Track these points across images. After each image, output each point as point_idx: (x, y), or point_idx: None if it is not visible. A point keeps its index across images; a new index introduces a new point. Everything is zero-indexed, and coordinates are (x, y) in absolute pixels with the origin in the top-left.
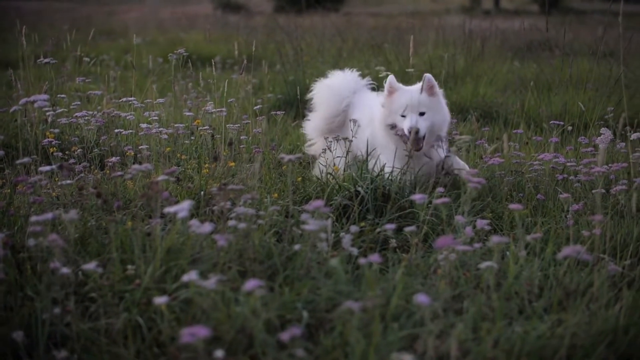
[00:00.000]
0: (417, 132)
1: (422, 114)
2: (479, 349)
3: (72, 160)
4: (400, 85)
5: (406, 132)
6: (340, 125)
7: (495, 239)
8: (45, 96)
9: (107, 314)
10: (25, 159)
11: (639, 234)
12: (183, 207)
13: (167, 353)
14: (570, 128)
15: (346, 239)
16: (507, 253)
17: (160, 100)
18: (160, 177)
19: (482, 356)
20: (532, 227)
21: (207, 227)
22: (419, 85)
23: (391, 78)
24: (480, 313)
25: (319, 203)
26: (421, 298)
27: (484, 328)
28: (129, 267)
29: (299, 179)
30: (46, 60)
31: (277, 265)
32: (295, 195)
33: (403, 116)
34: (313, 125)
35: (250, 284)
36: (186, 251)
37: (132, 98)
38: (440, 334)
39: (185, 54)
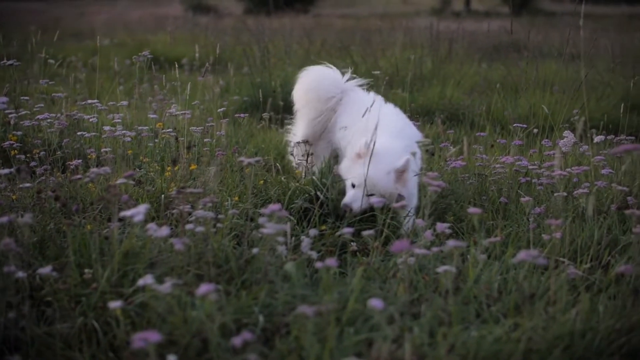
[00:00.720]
0: (350, 211)
1: (372, 195)
2: (434, 353)
3: (33, 163)
4: (378, 150)
5: (342, 203)
6: (323, 129)
7: (451, 242)
8: (4, 98)
9: (63, 318)
10: None
11: (600, 237)
12: (139, 211)
13: (122, 358)
14: (536, 131)
15: (305, 243)
16: (469, 257)
17: (124, 102)
18: (120, 181)
19: None
20: (494, 230)
21: (164, 230)
22: (398, 162)
23: (368, 141)
24: (437, 317)
25: (276, 207)
26: (375, 302)
27: (440, 332)
28: (87, 271)
29: (261, 182)
30: (9, 62)
31: (234, 269)
32: (257, 199)
33: (353, 185)
34: (295, 130)
35: (204, 288)
36: (144, 255)
37: (96, 100)
38: (396, 339)
39: (149, 56)
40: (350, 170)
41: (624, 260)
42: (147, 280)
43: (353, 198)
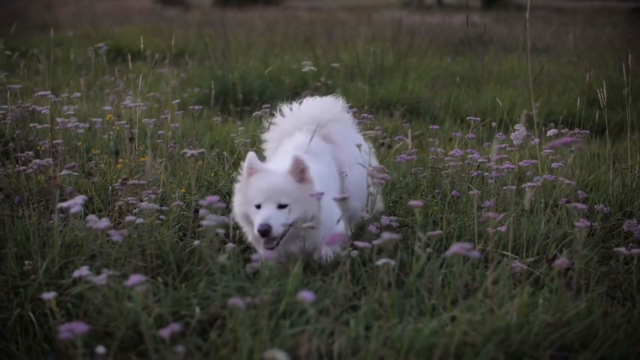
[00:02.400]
0: (267, 232)
1: (283, 206)
2: (368, 347)
3: None
4: (263, 165)
5: (255, 230)
6: None
7: (386, 235)
8: None
9: (0, 309)
10: None
11: (547, 231)
12: (76, 202)
13: (56, 349)
14: (494, 124)
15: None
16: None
17: (77, 94)
18: (64, 172)
19: (372, 354)
20: (445, 223)
21: (104, 222)
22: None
23: (251, 156)
24: (375, 311)
25: (213, 198)
26: (305, 294)
27: (376, 326)
28: (26, 262)
29: (212, 174)
30: None
31: (172, 262)
32: (207, 191)
33: (258, 207)
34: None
35: (133, 279)
36: (85, 247)
37: (48, 92)
38: (332, 332)
39: (105, 48)
40: (247, 195)
41: (565, 254)
42: (83, 271)
43: (267, 215)
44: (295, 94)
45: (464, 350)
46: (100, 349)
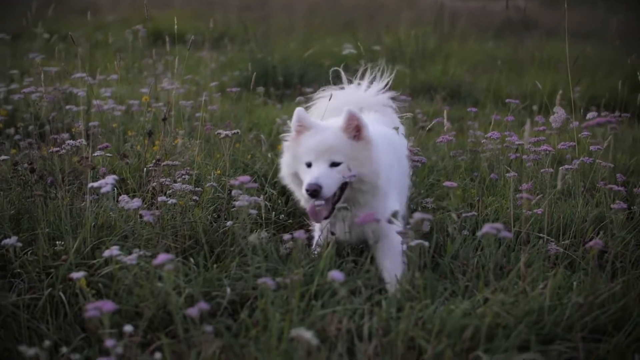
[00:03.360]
0: (316, 192)
1: (336, 164)
2: (399, 327)
3: (17, 137)
4: (314, 121)
5: (303, 190)
6: None
7: (417, 215)
8: None
9: (32, 289)
10: None
11: (585, 214)
12: (107, 182)
13: (86, 329)
14: (535, 108)
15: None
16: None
17: (114, 76)
18: (97, 153)
19: (402, 335)
20: (482, 207)
21: (136, 202)
22: (341, 121)
23: (300, 111)
24: (408, 292)
25: (245, 178)
26: (335, 274)
27: (407, 307)
28: (58, 243)
29: (249, 156)
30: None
31: (203, 242)
32: (244, 173)
33: (309, 166)
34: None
35: (161, 257)
36: (118, 228)
37: (84, 74)
38: (365, 313)
39: (144, 31)
40: (296, 153)
41: (602, 237)
42: (113, 251)
43: (318, 174)
44: (335, 77)
45: (496, 332)
46: (128, 328)
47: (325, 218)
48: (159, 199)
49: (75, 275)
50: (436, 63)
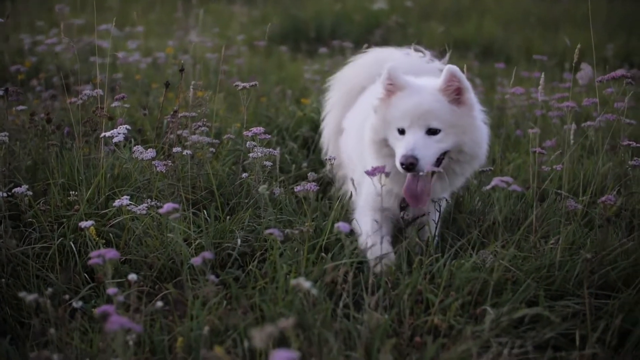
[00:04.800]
0: (412, 166)
1: (434, 131)
2: (408, 281)
3: (39, 88)
4: (409, 80)
5: (397, 162)
6: None
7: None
8: None
9: (43, 239)
10: None
11: (606, 171)
12: (119, 132)
13: (95, 279)
14: (568, 65)
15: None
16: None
17: (139, 28)
18: (114, 104)
19: (411, 288)
20: (504, 163)
21: (150, 153)
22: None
23: (393, 68)
24: (419, 246)
25: (258, 129)
26: (342, 225)
27: (416, 260)
28: (72, 193)
29: (273, 110)
30: None
31: (216, 194)
32: (267, 127)
33: (402, 132)
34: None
35: (167, 206)
36: (133, 179)
37: (109, 25)
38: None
39: None
40: (387, 117)
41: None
42: (124, 201)
43: (414, 144)
44: (367, 32)
45: (505, 287)
46: (133, 276)
47: (428, 197)
48: (174, 150)
49: (84, 224)
50: (471, 19)
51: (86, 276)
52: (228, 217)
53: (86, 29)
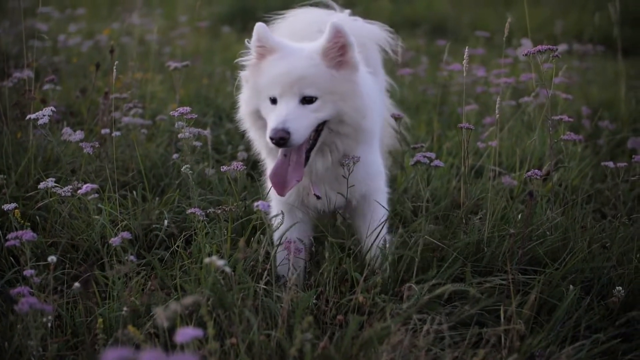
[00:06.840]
0: (283, 140)
1: (309, 100)
2: (332, 258)
3: None
4: (282, 42)
5: (267, 136)
6: None
7: None
8: None
9: None
10: None
11: (540, 147)
12: (44, 114)
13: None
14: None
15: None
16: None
17: (80, 10)
18: (45, 86)
19: (329, 273)
20: (444, 140)
21: (78, 135)
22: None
23: (261, 28)
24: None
25: (184, 109)
26: (261, 204)
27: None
28: (0, 177)
29: (213, 91)
30: None
31: (145, 175)
32: (208, 108)
33: (274, 101)
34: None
35: (85, 187)
36: (64, 162)
37: (49, 9)
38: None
39: None
40: (258, 85)
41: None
42: (49, 183)
43: (285, 115)
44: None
45: (431, 264)
46: (52, 258)
47: (297, 182)
48: (102, 131)
49: (7, 206)
50: None
51: (12, 260)
52: (157, 198)
53: (28, 12)
